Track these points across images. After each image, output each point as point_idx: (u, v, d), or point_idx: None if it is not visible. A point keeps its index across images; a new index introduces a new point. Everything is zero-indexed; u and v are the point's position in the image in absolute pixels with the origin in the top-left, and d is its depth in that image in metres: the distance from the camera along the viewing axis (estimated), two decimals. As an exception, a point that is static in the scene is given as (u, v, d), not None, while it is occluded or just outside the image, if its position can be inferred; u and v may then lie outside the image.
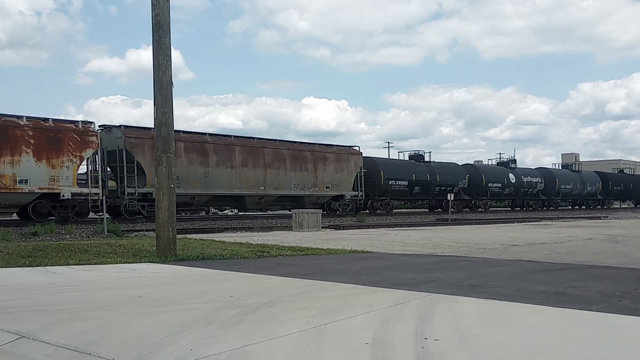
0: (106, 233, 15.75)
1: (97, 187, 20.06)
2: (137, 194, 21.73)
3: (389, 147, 45.95)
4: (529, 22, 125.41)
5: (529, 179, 42.36)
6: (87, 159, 20.28)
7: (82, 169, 20.31)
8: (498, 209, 43.25)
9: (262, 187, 25.23)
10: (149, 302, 5.32)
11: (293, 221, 18.88)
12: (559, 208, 44.95)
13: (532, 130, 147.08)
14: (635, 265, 8.07)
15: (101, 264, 8.67)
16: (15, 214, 20.01)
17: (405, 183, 32.48)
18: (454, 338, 3.78)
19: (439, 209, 34.67)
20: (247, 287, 6.20)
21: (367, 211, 30.15)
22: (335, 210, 28.22)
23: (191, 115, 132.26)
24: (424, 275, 6.94)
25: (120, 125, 22.33)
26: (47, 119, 19.56)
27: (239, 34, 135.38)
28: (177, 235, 10.21)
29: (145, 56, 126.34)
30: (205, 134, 25.27)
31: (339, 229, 19.10)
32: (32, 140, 18.58)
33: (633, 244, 12.00)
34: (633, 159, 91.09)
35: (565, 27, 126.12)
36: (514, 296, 5.38)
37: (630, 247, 11.23)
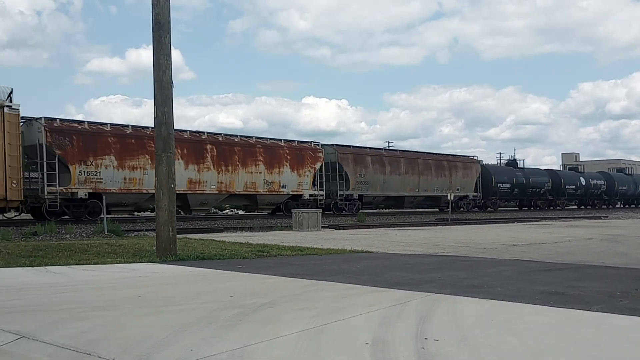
0: (106, 233, 15.75)
1: (322, 190, 27.79)
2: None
3: (389, 146, 46.63)
4: (529, 22, 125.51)
5: (595, 181, 47.91)
6: (317, 169, 27.51)
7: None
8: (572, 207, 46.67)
9: (417, 190, 32.69)
10: (149, 302, 5.32)
11: (293, 221, 18.88)
12: (616, 206, 50.59)
13: (532, 130, 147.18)
14: (636, 265, 8.07)
15: (101, 263, 8.67)
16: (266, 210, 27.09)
17: (509, 185, 39.56)
18: (454, 338, 3.78)
19: (531, 207, 42.62)
20: (247, 287, 6.20)
21: (475, 209, 36.81)
22: (460, 207, 35.17)
23: (191, 115, 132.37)
24: (424, 275, 6.94)
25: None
26: (294, 141, 27.76)
27: (239, 34, 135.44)
28: (177, 235, 10.21)
29: (145, 56, 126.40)
30: (381, 149, 34.50)
31: (339, 229, 19.10)
32: (288, 157, 26.36)
33: (633, 244, 11.99)
34: (633, 158, 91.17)
35: (566, 27, 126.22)
36: (514, 296, 5.37)
37: (630, 247, 11.23)
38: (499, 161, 52.24)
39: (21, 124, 19.33)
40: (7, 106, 18.07)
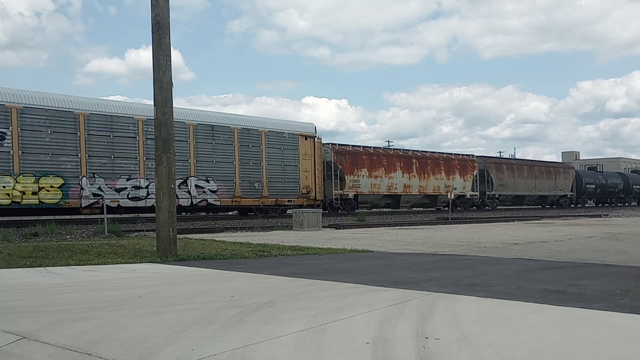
0: (106, 233, 15.76)
1: (477, 191, 35.78)
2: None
3: (389, 146, 47.49)
4: (528, 21, 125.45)
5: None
6: (475, 175, 35.80)
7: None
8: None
9: (534, 190, 41.24)
10: (149, 302, 5.32)
11: (293, 220, 18.89)
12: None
13: (532, 129, 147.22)
14: (636, 263, 8.07)
15: (102, 264, 8.67)
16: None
17: (594, 186, 47.90)
18: (454, 337, 3.78)
19: (605, 204, 50.19)
20: (247, 287, 6.20)
21: (572, 205, 44.87)
22: (561, 204, 44.00)
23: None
24: (425, 274, 6.95)
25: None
26: (460, 154, 36.23)
27: (239, 34, 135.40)
28: (178, 235, 10.22)
29: (145, 56, 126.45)
30: (511, 159, 45.11)
31: (340, 228, 19.11)
32: (457, 167, 34.81)
33: (634, 242, 12.00)
34: (633, 156, 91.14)
35: (565, 26, 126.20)
36: (514, 295, 5.38)
37: (630, 245, 11.23)
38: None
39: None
40: (318, 137, 27.92)
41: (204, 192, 22.97)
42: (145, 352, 3.54)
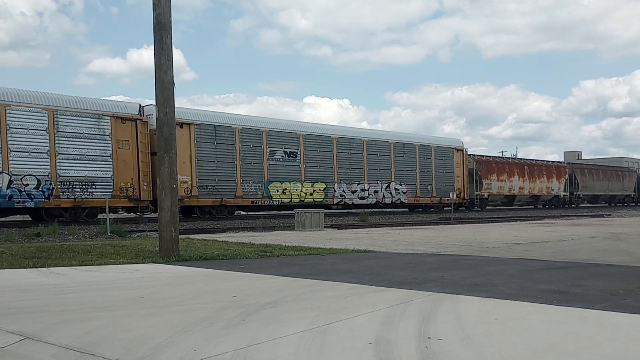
0: (109, 234, 15.79)
1: (567, 192, 43.00)
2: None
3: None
4: (530, 20, 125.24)
5: None
6: (566, 178, 43.05)
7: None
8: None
9: (607, 191, 48.90)
10: (152, 302, 5.33)
11: (295, 221, 18.89)
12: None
13: (534, 128, 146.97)
14: (638, 263, 8.06)
15: (104, 264, 8.68)
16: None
17: None
18: (457, 337, 3.78)
19: None
20: (250, 287, 6.21)
21: (632, 204, 52.58)
22: (623, 203, 51.67)
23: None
24: (427, 275, 6.94)
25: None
26: (554, 161, 45.76)
27: (241, 33, 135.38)
28: (180, 236, 10.23)
29: (146, 56, 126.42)
30: (590, 164, 52.92)
31: (341, 229, 19.11)
32: (554, 172, 42.38)
33: (636, 242, 11.97)
34: (635, 156, 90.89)
35: (567, 25, 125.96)
36: (517, 295, 5.37)
37: (633, 245, 11.21)
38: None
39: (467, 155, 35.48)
40: (465, 150, 35.04)
41: (399, 193, 31.00)
42: (148, 352, 3.54)
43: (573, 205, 44.58)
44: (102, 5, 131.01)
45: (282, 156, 25.73)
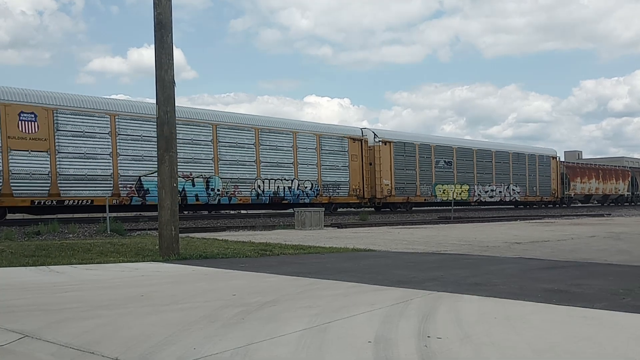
0: (109, 232, 15.79)
1: (629, 192, 49.84)
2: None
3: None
4: (530, 20, 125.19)
5: None
6: (629, 180, 49.64)
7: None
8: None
9: None
10: (151, 301, 5.33)
11: (295, 220, 18.89)
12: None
13: (534, 128, 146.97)
14: (638, 262, 8.06)
15: (104, 263, 8.69)
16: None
17: None
18: (457, 336, 3.78)
19: None
20: (249, 286, 6.21)
21: None
22: None
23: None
24: (427, 274, 6.94)
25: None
26: (618, 166, 52.21)
27: (241, 32, 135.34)
28: (180, 234, 10.22)
29: (147, 55, 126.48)
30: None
31: (341, 227, 19.11)
32: (620, 175, 49.04)
33: (636, 241, 11.97)
34: (636, 156, 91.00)
35: (567, 25, 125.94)
36: (517, 294, 5.37)
37: (633, 244, 11.21)
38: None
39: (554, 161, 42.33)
40: (558, 157, 42.37)
41: (515, 192, 38.00)
42: (148, 350, 3.54)
43: (632, 203, 51.59)
44: (103, 4, 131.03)
45: (443, 165, 33.40)
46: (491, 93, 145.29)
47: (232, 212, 27.89)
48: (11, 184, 18.21)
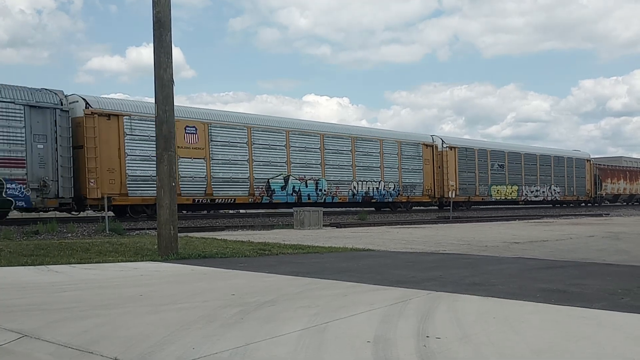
0: (107, 232, 15.77)
1: None
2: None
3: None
4: (530, 19, 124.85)
5: None
6: None
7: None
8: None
9: None
10: (150, 300, 5.32)
11: (294, 219, 18.88)
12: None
13: (533, 127, 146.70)
14: (637, 262, 8.07)
15: (103, 262, 8.68)
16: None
17: None
18: (455, 336, 3.78)
19: None
20: (248, 286, 6.20)
21: None
22: None
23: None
24: (426, 273, 6.94)
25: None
26: None
27: (240, 32, 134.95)
28: (179, 234, 10.21)
29: (146, 54, 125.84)
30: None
31: (340, 227, 19.10)
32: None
33: (635, 241, 11.99)
34: (635, 155, 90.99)
35: (566, 24, 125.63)
36: (515, 294, 5.38)
37: (631, 244, 11.22)
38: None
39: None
40: (591, 160, 45.35)
41: (555, 192, 41.56)
42: (147, 350, 3.54)
43: None
44: (102, 3, 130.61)
45: (497, 168, 36.90)
46: (490, 92, 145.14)
47: (231, 211, 27.98)
48: (180, 186, 21.27)
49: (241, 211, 28.20)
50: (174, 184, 9.48)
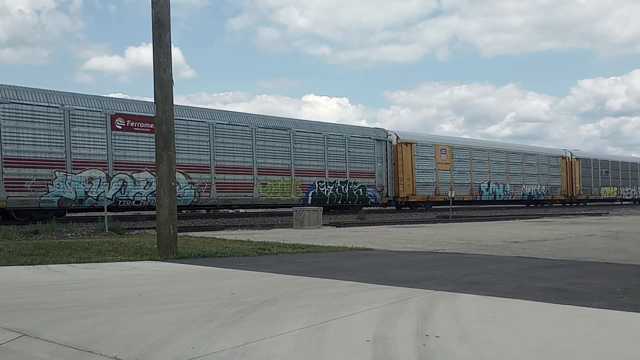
0: (107, 231, 15.77)
1: None
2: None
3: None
4: (529, 19, 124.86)
5: None
6: None
7: None
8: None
9: None
10: (150, 300, 5.33)
11: (294, 219, 18.89)
12: None
13: (532, 127, 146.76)
14: (636, 261, 8.07)
15: (102, 262, 8.68)
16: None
17: None
18: (455, 335, 3.78)
19: None
20: (248, 285, 6.21)
21: None
22: None
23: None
24: (425, 273, 6.95)
25: None
26: None
27: (239, 31, 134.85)
28: (178, 233, 10.22)
29: (145, 54, 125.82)
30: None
31: (340, 227, 19.11)
32: None
33: (634, 240, 11.99)
34: (634, 155, 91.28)
35: (565, 24, 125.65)
36: (515, 293, 5.38)
37: (631, 243, 11.22)
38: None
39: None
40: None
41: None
42: (146, 349, 3.54)
43: None
44: (101, 3, 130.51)
45: (604, 173, 44.67)
46: (489, 92, 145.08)
47: (230, 211, 27.99)
48: (439, 189, 33.30)
49: (241, 211, 28.24)
50: (173, 184, 9.48)
